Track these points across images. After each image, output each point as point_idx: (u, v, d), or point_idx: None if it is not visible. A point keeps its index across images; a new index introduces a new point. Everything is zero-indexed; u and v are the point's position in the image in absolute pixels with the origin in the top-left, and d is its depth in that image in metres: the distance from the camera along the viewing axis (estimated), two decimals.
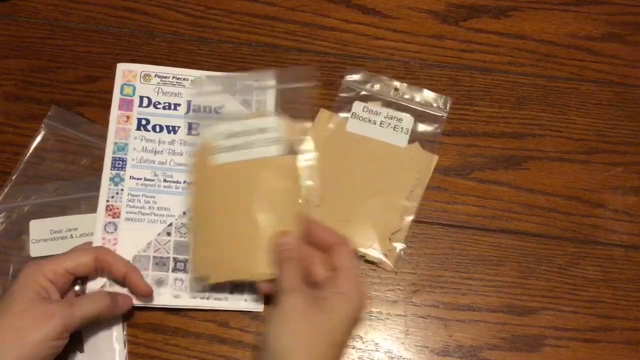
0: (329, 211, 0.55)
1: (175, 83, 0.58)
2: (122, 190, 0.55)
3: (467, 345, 0.53)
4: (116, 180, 0.55)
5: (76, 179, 0.56)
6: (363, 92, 0.60)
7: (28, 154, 0.57)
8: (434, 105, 0.60)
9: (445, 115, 0.59)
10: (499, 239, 0.56)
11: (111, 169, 0.55)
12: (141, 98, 0.58)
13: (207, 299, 0.53)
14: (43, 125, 0.57)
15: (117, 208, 0.54)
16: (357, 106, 0.60)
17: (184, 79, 0.59)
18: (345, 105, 0.59)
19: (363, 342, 0.53)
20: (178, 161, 0.56)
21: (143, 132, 0.57)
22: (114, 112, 0.57)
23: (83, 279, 0.51)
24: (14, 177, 0.56)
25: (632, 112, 0.61)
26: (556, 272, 0.55)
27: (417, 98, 0.60)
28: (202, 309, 0.53)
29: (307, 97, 0.56)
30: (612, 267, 0.56)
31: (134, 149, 0.56)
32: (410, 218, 0.56)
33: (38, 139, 0.57)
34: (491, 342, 0.53)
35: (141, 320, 0.53)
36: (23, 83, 0.60)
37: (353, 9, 0.64)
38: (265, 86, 0.58)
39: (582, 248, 0.56)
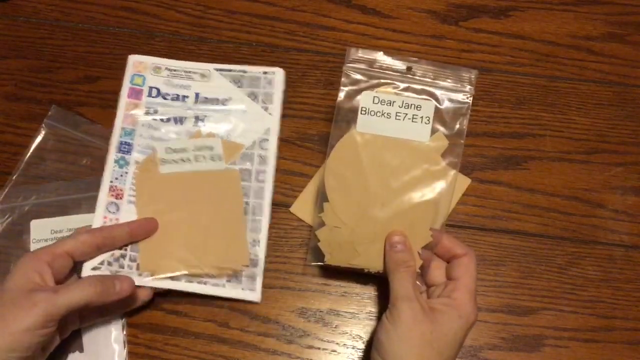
0: (351, 233, 0.50)
1: (184, 76, 0.59)
2: (126, 173, 0.55)
3: (467, 345, 0.53)
4: (121, 163, 0.55)
5: (76, 179, 0.56)
6: (369, 80, 0.52)
7: (28, 154, 0.57)
8: (456, 81, 0.52)
9: (470, 92, 0.51)
10: (499, 239, 0.56)
11: (117, 152, 0.56)
12: (150, 89, 0.58)
13: (205, 284, 0.53)
14: (43, 125, 0.58)
15: (121, 190, 0.55)
16: (366, 97, 0.51)
17: (194, 72, 0.59)
18: (351, 98, 0.52)
19: (363, 342, 0.53)
20: None
21: (150, 121, 0.57)
22: (123, 99, 0.57)
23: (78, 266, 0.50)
24: (14, 177, 0.56)
25: (632, 112, 0.61)
26: (556, 272, 0.55)
27: (435, 76, 0.52)
28: (199, 294, 0.53)
29: None
30: (612, 267, 0.56)
31: (141, 135, 0.56)
32: (440, 227, 0.51)
33: (38, 139, 0.57)
34: (491, 342, 0.53)
35: (141, 320, 0.53)
36: (23, 83, 0.60)
37: (353, 9, 0.64)
38: (273, 80, 0.58)
39: (582, 248, 0.56)
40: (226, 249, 0.53)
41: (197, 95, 0.58)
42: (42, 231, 0.54)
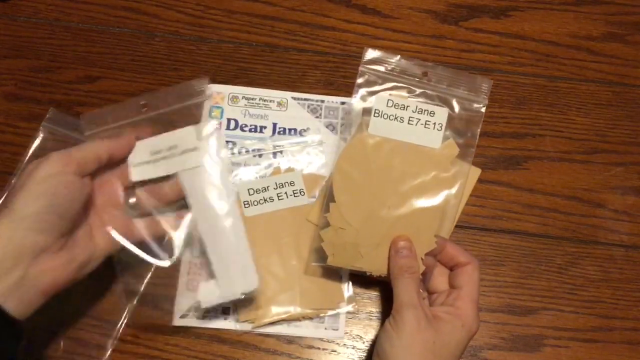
0: (356, 235, 0.50)
1: (262, 105, 0.58)
2: None
3: (467, 346, 0.53)
4: None
5: None
6: (384, 82, 0.52)
7: (28, 155, 0.57)
8: (471, 90, 0.52)
9: (484, 101, 0.52)
10: (499, 239, 0.56)
11: None
12: (229, 121, 0.58)
13: (288, 324, 0.53)
14: (41, 129, 0.57)
15: None
16: (380, 100, 0.51)
17: (270, 101, 0.59)
18: (364, 99, 0.52)
19: (363, 342, 0.53)
20: None
21: (229, 156, 0.57)
22: None
23: None
24: (14, 178, 0.55)
25: (632, 112, 0.61)
26: (556, 272, 0.55)
27: (450, 83, 0.52)
28: (284, 335, 0.53)
29: None
30: (612, 267, 0.56)
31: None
32: (446, 235, 0.51)
33: (37, 141, 0.57)
34: (491, 342, 0.53)
35: (141, 321, 0.53)
36: (23, 83, 0.60)
37: (353, 9, 0.64)
38: (351, 110, 0.54)
39: (582, 248, 0.56)
40: (321, 289, 0.53)
41: (274, 125, 0.58)
42: None
